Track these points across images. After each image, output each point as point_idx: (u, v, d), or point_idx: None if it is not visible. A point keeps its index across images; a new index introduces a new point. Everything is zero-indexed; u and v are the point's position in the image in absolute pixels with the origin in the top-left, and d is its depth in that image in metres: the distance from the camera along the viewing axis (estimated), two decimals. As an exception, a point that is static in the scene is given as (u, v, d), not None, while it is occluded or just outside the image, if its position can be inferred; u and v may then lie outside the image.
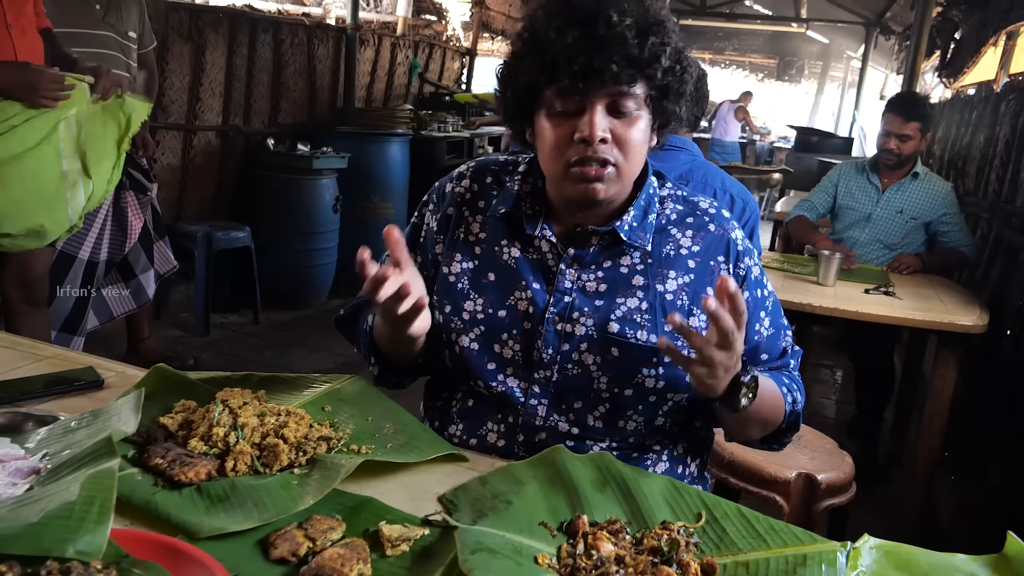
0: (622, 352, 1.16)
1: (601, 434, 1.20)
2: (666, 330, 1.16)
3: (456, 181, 1.29)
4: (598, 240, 1.19)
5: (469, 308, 1.22)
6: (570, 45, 1.04)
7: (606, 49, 1.04)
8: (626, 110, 1.09)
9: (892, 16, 8.68)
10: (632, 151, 1.11)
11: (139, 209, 3.28)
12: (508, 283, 1.21)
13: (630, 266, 1.19)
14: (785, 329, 1.29)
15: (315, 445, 1.06)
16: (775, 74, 16.98)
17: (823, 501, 1.89)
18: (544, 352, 1.18)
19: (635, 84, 1.08)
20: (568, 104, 1.09)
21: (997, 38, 4.51)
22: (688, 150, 2.17)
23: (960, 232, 3.20)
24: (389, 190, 5.08)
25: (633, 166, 1.14)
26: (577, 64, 1.04)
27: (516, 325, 1.20)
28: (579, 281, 1.19)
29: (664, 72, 1.10)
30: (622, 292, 1.18)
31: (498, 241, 1.23)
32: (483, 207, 1.26)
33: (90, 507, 0.76)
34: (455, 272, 1.24)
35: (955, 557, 0.88)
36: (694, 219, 1.23)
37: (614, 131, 1.09)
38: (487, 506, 0.94)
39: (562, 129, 1.10)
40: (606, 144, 1.09)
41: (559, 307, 1.18)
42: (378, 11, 7.46)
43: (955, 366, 2.62)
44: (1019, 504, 2.46)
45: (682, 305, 1.18)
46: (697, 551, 0.90)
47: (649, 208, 1.21)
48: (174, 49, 4.34)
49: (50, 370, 1.29)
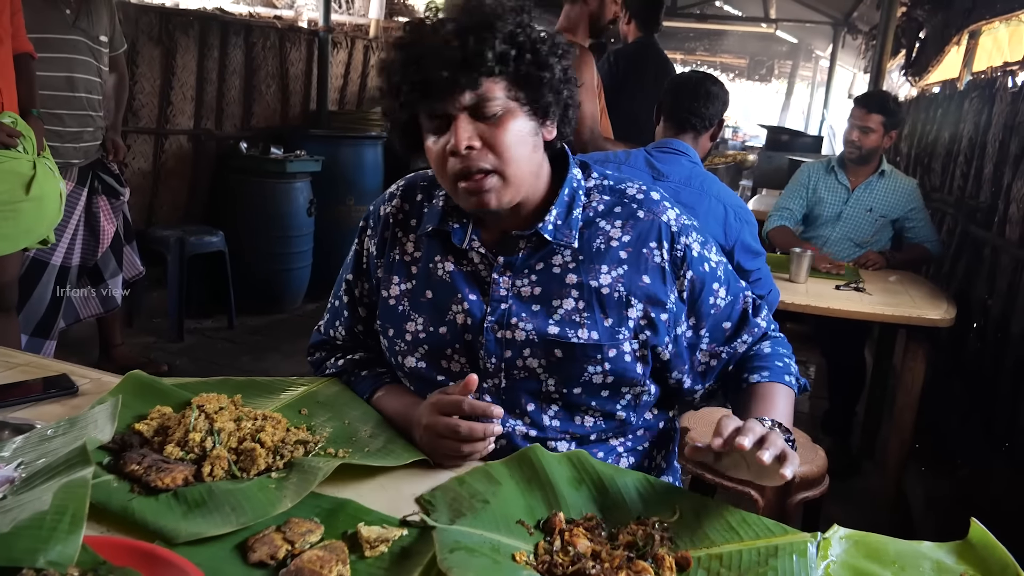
0: (565, 352, 1.16)
1: (560, 432, 1.20)
2: (605, 325, 1.16)
3: (387, 202, 1.30)
4: (525, 244, 1.18)
5: (411, 328, 1.22)
6: (402, 64, 1.09)
7: (429, 58, 1.06)
8: (490, 111, 1.09)
9: (859, 16, 8.79)
10: (508, 153, 1.10)
11: (111, 214, 3.26)
12: (445, 298, 1.20)
13: (562, 265, 1.18)
14: (742, 291, 1.28)
15: (292, 449, 1.06)
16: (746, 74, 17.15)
17: (797, 494, 1.92)
18: (488, 361, 1.18)
19: (480, 84, 1.07)
20: (435, 122, 1.11)
21: (960, 37, 4.60)
22: (689, 155, 2.15)
23: (925, 228, 3.27)
24: (363, 193, 5.06)
25: (516, 167, 1.11)
26: (414, 81, 1.07)
27: (457, 339, 1.19)
28: (514, 288, 1.18)
29: (511, 63, 1.08)
30: (557, 293, 1.17)
31: (432, 258, 1.23)
32: (415, 225, 1.26)
33: (62, 516, 0.75)
34: (394, 295, 1.24)
35: (922, 545, 0.90)
36: (622, 208, 1.21)
37: (484, 137, 1.09)
38: (465, 506, 0.95)
39: (438, 146, 1.12)
40: (477, 151, 1.09)
41: (496, 315, 1.17)
42: (350, 13, 7.43)
43: (924, 360, 2.67)
44: (985, 493, 2.52)
45: (619, 297, 1.17)
46: (672, 545, 0.91)
47: (574, 203, 1.20)
48: (144, 52, 4.29)
49: (23, 377, 1.28)
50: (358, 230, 1.34)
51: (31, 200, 2.20)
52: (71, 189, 2.98)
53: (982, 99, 3.53)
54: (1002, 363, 2.68)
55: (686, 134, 2.20)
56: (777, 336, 1.31)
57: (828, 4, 9.39)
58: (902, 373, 2.75)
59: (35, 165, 2.23)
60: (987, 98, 3.45)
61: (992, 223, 3.08)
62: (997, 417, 2.66)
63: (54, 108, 2.80)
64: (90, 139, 3.05)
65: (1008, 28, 3.96)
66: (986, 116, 3.40)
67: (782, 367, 1.23)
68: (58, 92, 2.83)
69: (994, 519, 0.98)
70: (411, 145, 1.19)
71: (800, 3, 9.57)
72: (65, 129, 2.90)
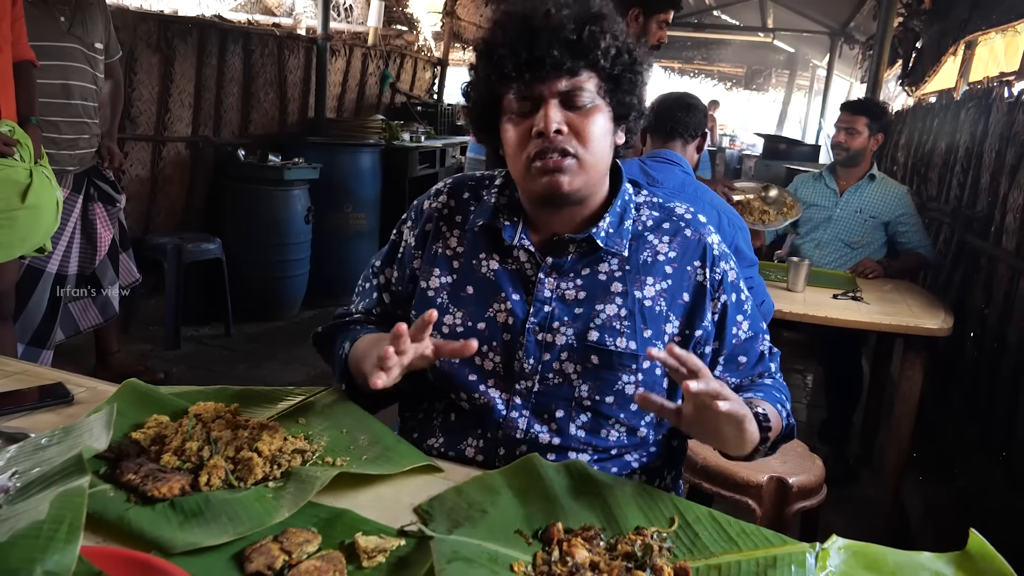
0: (602, 359, 1.17)
1: (583, 444, 1.20)
2: (644, 336, 1.18)
3: (433, 198, 1.31)
4: (575, 248, 1.20)
5: (448, 322, 1.22)
6: (513, 40, 1.10)
7: (544, 37, 1.08)
8: (580, 103, 1.12)
9: (856, 26, 8.84)
10: (591, 142, 1.13)
11: (108, 221, 3.25)
12: (487, 295, 1.21)
13: (608, 273, 1.20)
14: (763, 333, 1.30)
15: (290, 458, 1.06)
16: (743, 83, 17.21)
17: (795, 504, 1.91)
18: (525, 362, 1.18)
19: (580, 73, 1.11)
20: (524, 104, 1.13)
21: (956, 47, 4.62)
22: (682, 165, 2.23)
23: (918, 233, 3.32)
24: (361, 200, 5.07)
25: (595, 157, 1.14)
26: (520, 57, 1.09)
27: (496, 337, 1.20)
28: (558, 290, 1.19)
29: (611, 61, 1.13)
30: (601, 299, 1.19)
31: (476, 254, 1.24)
32: (460, 222, 1.27)
33: (59, 526, 0.75)
34: (433, 287, 1.24)
35: (921, 555, 0.90)
36: (670, 224, 1.24)
37: (571, 123, 1.12)
38: (463, 516, 0.94)
39: (521, 128, 1.13)
40: (562, 135, 1.11)
41: (539, 317, 1.18)
42: (349, 21, 7.45)
43: (921, 369, 2.67)
44: (983, 501, 2.52)
45: (660, 311, 1.19)
46: (670, 556, 0.91)
47: (625, 214, 1.22)
48: (143, 60, 4.30)
49: (18, 386, 1.27)
50: (399, 223, 1.36)
51: (27, 208, 2.20)
52: (66, 196, 2.98)
53: (978, 109, 3.54)
54: (999, 372, 2.68)
55: (674, 142, 2.29)
56: (780, 381, 1.31)
57: (825, 14, 9.44)
58: (899, 382, 2.75)
59: (32, 173, 2.22)
60: (983, 108, 3.46)
61: (989, 233, 3.09)
62: (994, 426, 2.66)
63: (50, 115, 2.80)
64: (86, 146, 3.04)
65: (1004, 38, 3.98)
66: (982, 126, 3.41)
67: (778, 397, 1.23)
68: (54, 99, 2.83)
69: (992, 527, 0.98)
70: (484, 126, 1.22)
71: (797, 13, 9.62)
72: (61, 136, 2.90)
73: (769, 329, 1.36)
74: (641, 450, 1.26)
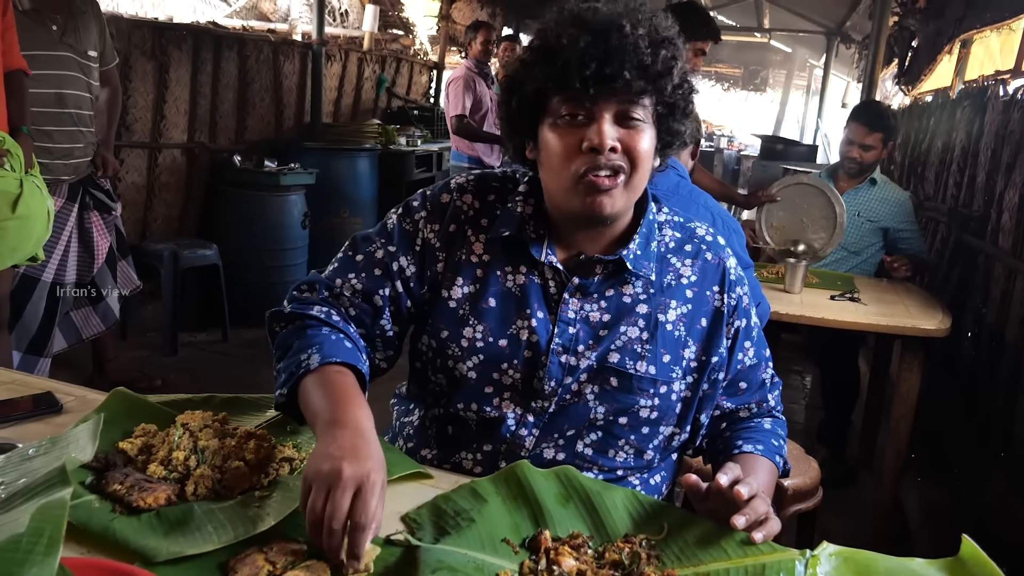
0: (620, 382, 1.15)
1: (589, 462, 1.18)
2: (663, 361, 1.16)
3: (457, 195, 1.22)
4: (602, 269, 1.16)
5: (468, 335, 1.17)
6: (583, 50, 1.04)
7: (619, 56, 1.03)
8: (635, 120, 1.08)
9: (852, 25, 8.83)
10: (641, 162, 1.09)
11: (105, 229, 3.24)
12: (511, 311, 1.16)
13: (633, 295, 1.17)
14: (766, 361, 1.28)
15: (277, 467, 1.05)
16: (740, 84, 17.20)
17: (790, 507, 1.90)
18: (547, 383, 1.15)
19: (644, 96, 1.07)
20: (576, 112, 1.07)
21: (952, 46, 4.62)
22: (677, 169, 2.23)
23: (919, 240, 3.32)
24: (358, 205, 5.06)
25: (641, 179, 1.11)
26: (589, 69, 1.03)
27: (517, 355, 1.15)
28: (582, 311, 1.16)
29: (673, 88, 1.10)
30: (625, 320, 1.16)
31: (500, 265, 1.18)
32: (486, 226, 1.19)
33: (38, 539, 0.74)
34: (456, 297, 1.18)
35: (913, 562, 0.89)
36: (691, 247, 1.22)
37: (622, 140, 1.07)
38: (449, 524, 0.94)
39: (570, 139, 1.07)
40: (616, 153, 1.06)
41: (564, 339, 1.15)
42: (344, 26, 7.46)
43: (919, 369, 2.66)
44: (982, 502, 2.51)
45: (679, 336, 1.17)
46: (659, 563, 0.90)
47: (651, 235, 1.19)
48: (137, 67, 4.29)
49: (8, 396, 1.27)
50: (406, 209, 1.23)
51: (17, 219, 2.19)
52: (61, 205, 2.97)
53: (974, 108, 3.53)
54: (997, 372, 2.67)
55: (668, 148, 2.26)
56: (779, 417, 1.31)
57: (821, 14, 9.43)
58: (897, 383, 2.74)
59: (22, 183, 2.21)
60: (979, 107, 3.45)
61: (985, 232, 3.08)
62: (993, 426, 2.65)
63: (43, 125, 2.79)
64: (80, 155, 3.04)
65: (999, 36, 3.98)
66: (978, 125, 3.41)
67: (776, 447, 1.22)
68: (47, 109, 2.82)
69: (991, 528, 0.97)
70: (518, 126, 1.16)
71: (793, 13, 9.61)
72: (55, 146, 2.89)
73: (768, 330, 1.35)
74: (645, 473, 1.25)
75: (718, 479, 0.94)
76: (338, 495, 0.82)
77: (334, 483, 0.83)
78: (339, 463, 0.85)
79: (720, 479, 0.94)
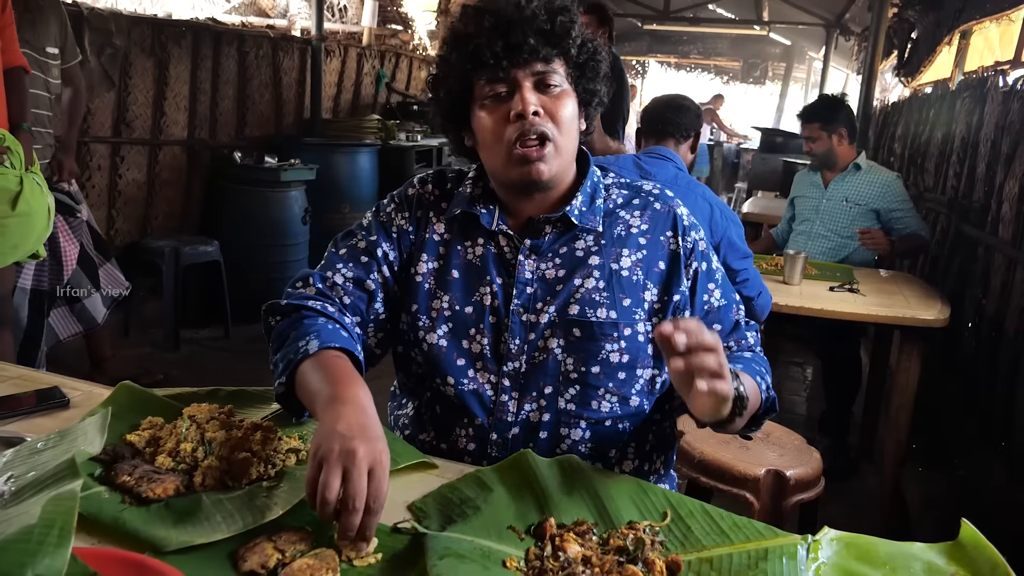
0: (584, 331, 1.20)
1: (574, 417, 1.21)
2: (623, 305, 1.21)
3: (419, 186, 1.33)
4: (551, 228, 1.23)
5: (436, 306, 1.24)
6: (489, 29, 1.14)
7: (521, 27, 1.14)
8: (552, 84, 1.17)
9: (851, 17, 8.82)
10: (565, 124, 1.17)
11: (71, 233, 3.11)
12: (472, 279, 1.24)
13: (585, 249, 1.23)
14: (736, 303, 1.32)
15: (284, 457, 1.06)
16: (740, 76, 17.18)
17: (792, 496, 1.91)
18: (512, 343, 1.21)
19: (553, 60, 1.17)
20: (497, 88, 1.17)
21: (951, 37, 4.62)
22: (675, 161, 2.28)
23: (913, 218, 3.34)
24: (359, 200, 5.07)
25: (568, 140, 1.19)
26: (498, 45, 1.13)
27: (483, 320, 1.22)
28: (538, 270, 1.23)
29: (579, 49, 1.19)
30: (580, 273, 1.22)
31: (460, 241, 1.26)
32: (445, 208, 1.30)
33: (50, 530, 0.75)
34: (421, 272, 1.26)
35: (913, 546, 0.90)
36: (640, 200, 1.29)
37: (545, 106, 1.16)
38: (456, 512, 0.95)
39: (497, 113, 1.17)
40: (540, 116, 1.15)
41: (523, 299, 1.21)
42: (343, 22, 7.45)
43: (919, 360, 2.67)
44: (982, 491, 2.52)
45: (637, 280, 1.23)
46: (663, 549, 0.91)
47: (596, 194, 1.27)
48: (137, 64, 4.30)
49: (15, 390, 1.28)
50: (378, 207, 1.35)
51: (18, 216, 2.20)
52: None
53: (974, 99, 3.54)
54: (997, 362, 2.68)
55: (666, 142, 2.35)
56: (760, 355, 1.31)
57: (820, 6, 9.42)
58: (897, 374, 2.75)
59: (22, 181, 2.22)
60: (979, 98, 3.46)
61: (985, 222, 3.09)
62: (993, 415, 2.66)
63: None
64: (38, 157, 2.87)
65: (999, 27, 3.98)
66: (978, 116, 3.41)
67: (757, 370, 1.22)
68: None
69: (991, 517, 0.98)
70: (452, 118, 1.25)
71: (792, 5, 9.60)
72: None
73: (769, 322, 1.36)
74: (635, 419, 1.26)
75: (661, 327, 0.91)
76: (356, 476, 0.84)
77: (350, 463, 0.84)
78: (351, 442, 0.86)
79: (664, 327, 0.91)
